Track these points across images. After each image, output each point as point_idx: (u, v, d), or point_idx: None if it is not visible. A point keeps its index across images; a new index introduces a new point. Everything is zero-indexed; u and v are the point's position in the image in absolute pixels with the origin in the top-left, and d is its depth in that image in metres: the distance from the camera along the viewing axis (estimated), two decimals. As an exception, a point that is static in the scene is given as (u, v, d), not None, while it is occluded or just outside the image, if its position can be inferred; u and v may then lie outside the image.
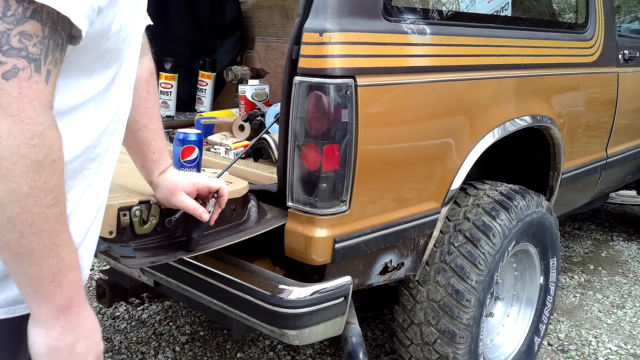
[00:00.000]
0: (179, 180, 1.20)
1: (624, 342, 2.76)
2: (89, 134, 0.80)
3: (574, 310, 3.06)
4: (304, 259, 1.54)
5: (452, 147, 1.80)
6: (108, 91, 0.82)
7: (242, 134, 2.21)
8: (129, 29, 0.81)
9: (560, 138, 2.27)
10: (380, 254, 1.70)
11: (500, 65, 1.97)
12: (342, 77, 1.45)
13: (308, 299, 1.48)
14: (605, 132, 2.76)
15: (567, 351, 2.66)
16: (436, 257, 1.92)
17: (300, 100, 1.47)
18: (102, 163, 0.85)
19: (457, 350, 1.91)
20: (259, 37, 3.17)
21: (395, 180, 1.67)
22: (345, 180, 1.50)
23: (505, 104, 2.01)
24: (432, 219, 1.81)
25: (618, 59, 2.74)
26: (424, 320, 1.94)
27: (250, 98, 2.55)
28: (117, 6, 0.75)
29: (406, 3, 1.75)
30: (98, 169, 0.84)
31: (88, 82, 0.78)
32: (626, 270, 3.60)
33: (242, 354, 2.49)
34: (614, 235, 4.19)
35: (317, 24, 1.46)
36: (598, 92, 2.64)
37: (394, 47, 1.60)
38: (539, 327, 2.39)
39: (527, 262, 2.32)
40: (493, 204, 1.99)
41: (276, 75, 2.97)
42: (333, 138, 1.46)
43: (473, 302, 1.88)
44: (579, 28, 2.52)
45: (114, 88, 0.83)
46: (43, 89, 0.65)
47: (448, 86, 1.76)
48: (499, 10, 2.12)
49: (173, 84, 2.81)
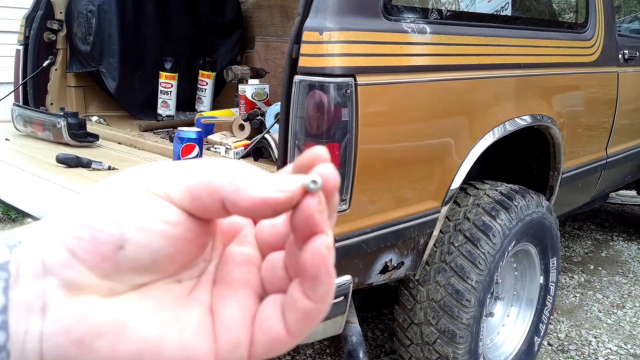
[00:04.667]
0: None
1: (624, 342, 2.76)
2: None
3: (574, 310, 3.06)
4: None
5: (452, 147, 1.79)
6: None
7: (242, 133, 2.21)
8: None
9: (560, 138, 2.27)
10: (380, 253, 1.70)
11: (500, 64, 1.97)
12: (342, 76, 1.45)
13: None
14: (605, 132, 2.76)
15: (567, 351, 2.66)
16: (436, 257, 1.92)
17: (300, 99, 1.47)
18: None
19: (457, 350, 1.91)
20: (259, 37, 3.18)
21: (395, 179, 1.67)
22: (345, 180, 1.50)
23: (505, 103, 2.00)
24: (432, 218, 1.81)
25: (618, 58, 2.74)
26: (424, 320, 1.94)
27: (250, 97, 2.55)
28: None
29: (406, 2, 1.75)
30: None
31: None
32: (626, 270, 3.60)
33: (242, 353, 2.48)
34: (614, 235, 4.19)
35: (317, 23, 1.46)
36: (598, 91, 2.64)
37: (394, 46, 1.59)
38: (539, 327, 2.39)
39: (527, 262, 2.32)
40: (493, 204, 1.99)
41: (276, 74, 2.97)
42: (333, 137, 1.46)
43: (473, 302, 1.88)
44: (579, 28, 2.52)
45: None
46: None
47: (448, 85, 1.76)
48: (499, 10, 2.12)
49: (173, 84, 2.81)
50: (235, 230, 0.34)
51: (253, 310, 0.31)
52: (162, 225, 0.28)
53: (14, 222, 3.72)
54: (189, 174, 0.29)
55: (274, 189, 0.27)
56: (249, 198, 0.27)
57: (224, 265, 0.33)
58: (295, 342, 0.30)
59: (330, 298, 0.29)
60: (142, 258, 0.28)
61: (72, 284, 0.27)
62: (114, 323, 0.28)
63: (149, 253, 0.28)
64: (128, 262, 0.28)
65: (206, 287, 0.32)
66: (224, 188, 0.28)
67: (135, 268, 0.28)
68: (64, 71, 2.74)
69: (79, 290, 0.28)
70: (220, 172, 0.28)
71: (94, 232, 0.27)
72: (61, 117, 2.21)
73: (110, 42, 2.66)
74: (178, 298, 0.30)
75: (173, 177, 0.29)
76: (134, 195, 0.28)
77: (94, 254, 0.27)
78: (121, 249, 0.27)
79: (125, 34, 2.68)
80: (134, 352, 0.28)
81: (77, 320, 0.27)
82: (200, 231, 0.30)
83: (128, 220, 0.28)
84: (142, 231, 0.28)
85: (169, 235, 0.28)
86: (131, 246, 0.27)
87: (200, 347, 0.29)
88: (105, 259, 0.27)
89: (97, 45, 2.63)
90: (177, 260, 0.29)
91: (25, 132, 2.41)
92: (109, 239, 0.27)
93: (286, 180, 0.28)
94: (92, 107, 2.88)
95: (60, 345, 0.27)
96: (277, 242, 0.33)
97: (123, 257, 0.27)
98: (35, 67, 2.62)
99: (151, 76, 2.83)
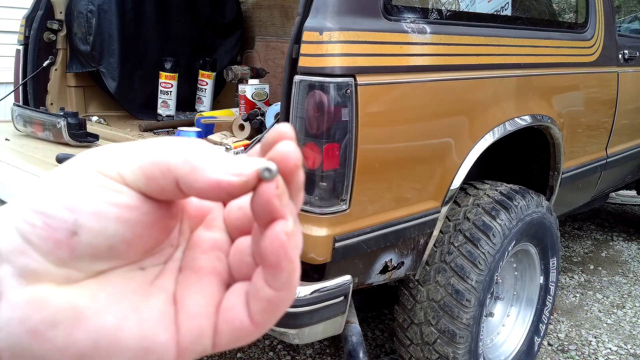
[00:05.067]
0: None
1: (624, 342, 2.76)
2: None
3: (574, 310, 3.06)
4: (303, 258, 1.54)
5: (452, 147, 1.79)
6: None
7: (242, 133, 2.21)
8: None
9: (560, 138, 2.27)
10: (380, 253, 1.70)
11: (500, 64, 1.97)
12: (342, 76, 1.45)
13: (308, 298, 1.48)
14: (605, 132, 2.76)
15: (567, 351, 2.66)
16: (436, 257, 1.92)
17: (300, 99, 1.47)
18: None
19: (457, 350, 1.91)
20: (259, 37, 3.18)
21: (395, 179, 1.67)
22: (346, 179, 1.50)
23: (505, 103, 2.00)
24: (432, 218, 1.81)
25: (618, 58, 2.74)
26: (424, 320, 1.94)
27: (250, 97, 2.55)
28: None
29: (406, 2, 1.75)
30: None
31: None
32: (626, 270, 3.60)
33: (242, 354, 2.48)
34: (614, 235, 4.19)
35: (317, 23, 1.46)
36: (598, 91, 2.64)
37: (394, 46, 1.60)
38: (539, 327, 2.39)
39: (527, 262, 2.32)
40: (493, 204, 1.99)
41: (276, 74, 2.97)
42: (333, 137, 1.46)
43: (473, 302, 1.88)
44: (579, 28, 2.52)
45: None
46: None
47: (448, 85, 1.76)
48: (499, 10, 2.12)
49: (173, 84, 2.81)
50: (203, 213, 0.32)
51: (218, 298, 0.30)
52: (116, 210, 0.26)
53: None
54: (143, 154, 0.27)
55: (230, 172, 0.26)
56: (203, 180, 0.26)
57: (190, 251, 0.31)
58: (261, 331, 0.29)
59: (294, 286, 0.28)
60: (98, 244, 0.26)
61: (27, 272, 0.26)
62: (70, 311, 0.26)
63: (104, 239, 0.26)
64: (83, 248, 0.26)
65: (171, 275, 0.30)
66: (179, 168, 0.26)
67: (92, 254, 0.27)
68: (64, 71, 2.74)
69: (35, 278, 0.26)
70: (176, 151, 0.27)
71: (46, 218, 0.26)
72: (61, 117, 2.21)
73: (110, 42, 2.66)
74: (140, 286, 0.29)
75: (126, 158, 0.27)
76: (86, 178, 0.27)
77: (48, 241, 0.26)
78: (75, 235, 0.26)
79: (125, 34, 2.68)
80: (90, 341, 0.26)
81: (32, 309, 0.26)
82: (161, 214, 0.28)
83: (81, 204, 0.26)
84: (96, 216, 0.26)
85: (125, 220, 0.27)
86: (85, 232, 0.26)
87: (161, 337, 0.28)
88: (59, 246, 0.26)
89: (97, 45, 2.63)
90: (137, 245, 0.28)
91: (25, 132, 2.41)
92: (61, 225, 0.26)
93: (243, 164, 0.27)
94: (92, 107, 2.88)
95: (15, 334, 0.26)
96: (245, 225, 0.31)
97: (78, 243, 0.26)
98: (35, 67, 2.62)
99: (151, 76, 2.83)
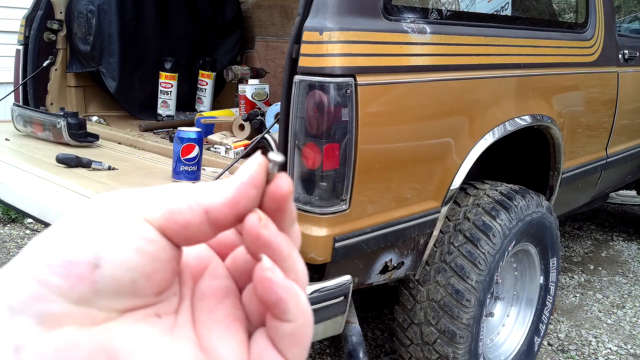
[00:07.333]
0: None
1: (624, 342, 2.76)
2: None
3: (574, 310, 3.06)
4: (303, 258, 1.54)
5: (452, 147, 1.79)
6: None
7: (242, 133, 2.21)
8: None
9: (560, 138, 2.27)
10: (380, 253, 1.70)
11: (500, 64, 1.97)
12: (342, 75, 1.45)
13: (308, 297, 1.47)
14: (605, 132, 2.76)
15: (567, 351, 2.66)
16: (436, 257, 1.92)
17: (300, 99, 1.47)
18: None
19: (457, 350, 1.91)
20: (259, 37, 3.18)
21: (396, 179, 1.67)
22: (346, 179, 1.50)
23: (505, 103, 2.00)
24: (432, 218, 1.81)
25: (618, 58, 2.74)
26: (424, 320, 1.94)
27: (250, 97, 2.55)
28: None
29: (406, 2, 1.75)
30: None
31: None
32: (626, 270, 3.60)
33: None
34: (614, 235, 4.19)
35: (317, 23, 1.46)
36: (598, 91, 2.64)
37: (394, 46, 1.60)
38: (539, 327, 2.39)
39: (527, 262, 2.32)
40: (493, 204, 1.99)
41: (276, 74, 2.97)
42: (333, 137, 1.46)
43: (473, 302, 1.88)
44: (579, 28, 2.52)
45: None
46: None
47: (448, 85, 1.76)
48: (499, 10, 2.12)
49: (173, 84, 2.82)
50: (202, 264, 0.32)
51: (247, 345, 0.29)
52: (138, 241, 0.26)
53: (14, 222, 3.72)
54: (164, 194, 0.28)
55: (239, 177, 0.28)
56: (224, 193, 0.27)
57: (203, 302, 0.30)
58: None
59: (305, 308, 0.28)
60: (121, 276, 0.26)
61: (47, 316, 0.25)
62: (104, 354, 0.25)
63: (127, 270, 0.26)
64: (106, 282, 0.26)
65: (187, 325, 0.29)
66: (203, 199, 0.27)
67: (114, 289, 0.26)
68: (64, 71, 2.74)
69: (56, 322, 0.25)
70: (188, 190, 0.28)
71: (66, 254, 0.25)
72: (61, 117, 2.21)
73: (110, 42, 2.66)
74: (164, 331, 0.28)
75: (147, 197, 0.27)
76: (105, 214, 0.27)
77: (68, 277, 0.25)
78: (97, 267, 0.25)
79: (125, 34, 2.68)
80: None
81: (63, 355, 0.25)
82: (173, 254, 0.28)
83: (101, 238, 0.26)
84: (118, 247, 0.26)
85: (145, 252, 0.26)
86: (107, 264, 0.26)
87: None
88: (81, 280, 0.25)
89: (97, 45, 2.63)
90: (155, 281, 0.27)
91: (25, 132, 2.41)
92: (82, 258, 0.25)
93: (245, 165, 0.28)
94: (92, 107, 2.88)
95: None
96: (250, 271, 0.31)
97: (100, 276, 0.25)
98: (35, 67, 2.62)
99: (151, 76, 2.83)
